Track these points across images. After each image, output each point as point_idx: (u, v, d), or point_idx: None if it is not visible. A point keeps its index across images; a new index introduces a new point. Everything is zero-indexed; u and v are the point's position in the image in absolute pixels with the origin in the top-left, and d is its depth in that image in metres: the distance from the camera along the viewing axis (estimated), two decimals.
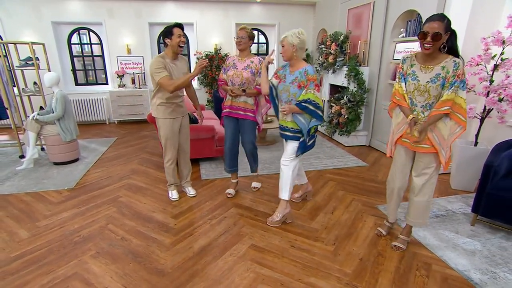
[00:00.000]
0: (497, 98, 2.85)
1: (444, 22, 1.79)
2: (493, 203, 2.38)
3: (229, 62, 2.85)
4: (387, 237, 2.42)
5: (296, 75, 2.39)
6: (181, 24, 2.65)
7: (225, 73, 2.88)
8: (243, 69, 2.75)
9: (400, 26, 4.19)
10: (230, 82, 2.82)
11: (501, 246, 2.29)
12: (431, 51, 1.84)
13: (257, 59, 2.78)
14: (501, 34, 2.79)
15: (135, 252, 2.22)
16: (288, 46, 2.36)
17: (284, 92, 2.46)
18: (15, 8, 5.73)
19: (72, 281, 1.92)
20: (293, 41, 2.35)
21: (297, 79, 2.38)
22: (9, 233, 2.44)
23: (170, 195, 3.08)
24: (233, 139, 2.95)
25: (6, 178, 3.58)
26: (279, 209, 2.61)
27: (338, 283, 1.93)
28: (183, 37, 2.63)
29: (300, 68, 2.39)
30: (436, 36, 1.77)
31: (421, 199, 2.13)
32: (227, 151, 3.00)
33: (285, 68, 2.52)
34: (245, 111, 2.83)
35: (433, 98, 1.92)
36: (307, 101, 2.33)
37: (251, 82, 2.77)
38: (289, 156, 2.51)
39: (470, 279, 1.95)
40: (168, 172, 3.00)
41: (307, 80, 2.34)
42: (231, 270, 2.03)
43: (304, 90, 2.35)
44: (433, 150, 1.98)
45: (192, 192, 3.12)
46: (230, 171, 3.10)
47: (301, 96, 2.36)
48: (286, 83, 2.45)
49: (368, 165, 4.01)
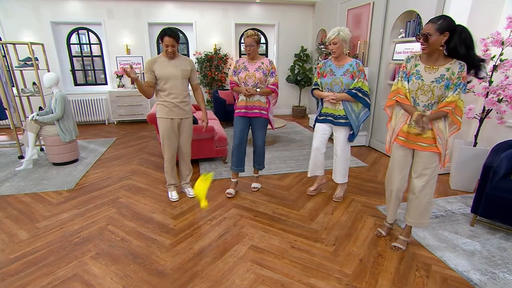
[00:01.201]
0: (496, 99, 2.86)
1: (437, 23, 1.81)
2: (493, 204, 2.39)
3: (239, 65, 2.92)
4: (387, 238, 2.42)
5: (346, 67, 2.66)
6: (173, 31, 2.56)
7: (235, 75, 2.94)
8: (255, 70, 2.84)
9: (399, 27, 4.20)
10: (243, 83, 2.89)
11: (501, 246, 2.29)
12: (426, 52, 1.90)
13: (267, 60, 2.89)
14: (500, 35, 2.80)
15: (135, 253, 2.22)
16: (341, 43, 2.58)
17: (335, 84, 2.70)
18: (14, 8, 5.72)
19: (72, 282, 1.92)
20: (345, 37, 2.59)
21: (349, 70, 2.65)
22: (9, 234, 2.44)
23: (169, 195, 3.07)
24: (242, 137, 2.98)
25: (5, 178, 3.58)
26: (342, 188, 3.05)
27: (338, 283, 1.93)
28: (171, 47, 2.58)
29: (349, 61, 2.66)
30: (425, 37, 1.83)
31: (421, 200, 2.13)
32: (235, 150, 3.02)
33: (327, 63, 2.77)
34: (260, 109, 2.91)
35: (436, 98, 1.93)
36: (357, 89, 2.63)
37: (263, 82, 2.88)
38: (344, 143, 2.83)
39: (470, 279, 1.95)
40: (167, 171, 2.99)
41: (359, 70, 2.63)
42: (231, 271, 2.03)
43: (356, 79, 2.64)
44: (434, 149, 1.99)
45: (192, 193, 3.10)
46: (237, 170, 3.10)
47: (352, 85, 2.66)
48: (336, 75, 2.68)
49: (367, 166, 4.01)
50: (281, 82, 7.34)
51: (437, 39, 1.82)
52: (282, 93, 7.42)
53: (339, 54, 2.63)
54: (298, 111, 7.21)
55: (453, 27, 1.81)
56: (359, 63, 2.64)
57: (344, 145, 2.84)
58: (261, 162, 3.18)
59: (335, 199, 3.01)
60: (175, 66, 2.69)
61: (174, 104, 2.75)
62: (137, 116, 6.52)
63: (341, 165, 2.92)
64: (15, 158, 4.26)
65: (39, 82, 4.32)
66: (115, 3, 6.13)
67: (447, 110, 1.89)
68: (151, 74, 2.67)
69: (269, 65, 2.87)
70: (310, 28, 7.08)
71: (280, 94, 7.39)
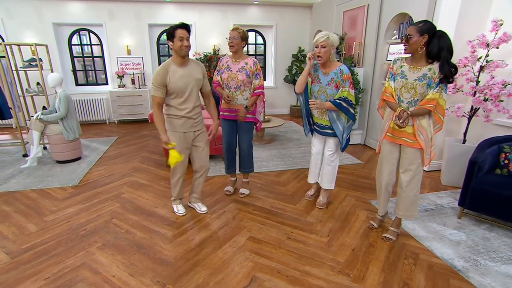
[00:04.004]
0: (483, 98, 3.00)
1: (417, 26, 1.99)
2: (478, 197, 2.52)
3: (223, 64, 2.78)
4: (379, 230, 2.55)
5: (331, 76, 2.50)
6: (187, 25, 2.26)
7: (218, 75, 2.81)
8: (238, 71, 2.70)
9: (393, 29, 4.33)
10: (225, 85, 2.77)
11: (484, 237, 2.43)
12: (408, 51, 2.08)
13: (252, 60, 2.72)
14: (485, 38, 2.94)
15: (139, 244, 2.34)
16: (329, 47, 2.42)
17: (321, 93, 2.58)
18: (16, 9, 5.82)
19: (81, 270, 2.04)
20: (333, 43, 2.43)
21: (333, 80, 2.50)
22: (19, 227, 2.56)
23: (175, 209, 2.80)
24: (230, 141, 2.95)
25: (12, 176, 3.69)
26: (325, 194, 2.96)
27: (331, 271, 2.06)
28: (186, 40, 2.24)
29: (334, 68, 2.49)
30: (406, 38, 2.02)
31: (408, 194, 2.27)
32: (225, 154, 3.03)
33: (316, 68, 2.60)
34: None
35: (418, 95, 2.09)
36: (341, 99, 2.47)
37: (246, 84, 2.73)
38: (334, 151, 2.76)
39: (454, 266, 2.09)
40: (174, 185, 2.68)
41: (343, 80, 2.47)
42: (231, 260, 2.16)
43: (340, 89, 2.49)
44: (417, 145, 2.13)
45: (204, 209, 2.83)
46: (229, 172, 3.16)
47: (337, 95, 2.51)
48: (322, 84, 2.55)
49: (362, 163, 4.15)
50: (279, 82, 7.47)
51: (417, 40, 1.98)
52: (279, 93, 7.57)
53: (325, 59, 2.45)
54: (296, 110, 7.34)
55: (432, 30, 1.97)
56: (342, 71, 2.46)
57: (333, 153, 2.76)
58: (248, 165, 3.07)
59: (318, 206, 2.91)
60: (188, 76, 2.34)
61: (187, 117, 2.43)
62: (138, 116, 6.62)
63: (329, 171, 2.82)
64: (19, 156, 4.37)
65: (43, 82, 4.44)
66: (116, 5, 6.24)
67: (429, 108, 2.03)
68: (163, 89, 2.30)
69: (253, 66, 2.70)
70: (308, 29, 7.22)
71: (278, 94, 7.56)
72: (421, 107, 2.06)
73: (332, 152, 2.76)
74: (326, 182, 2.88)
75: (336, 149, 2.76)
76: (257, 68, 2.74)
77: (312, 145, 2.93)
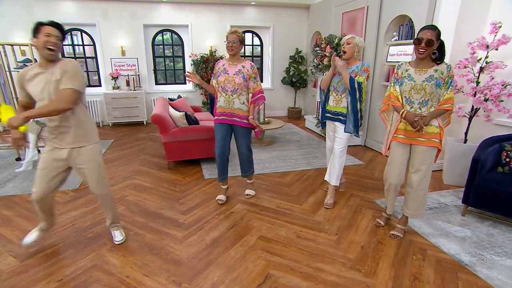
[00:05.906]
0: (483, 98, 3.09)
1: (435, 31, 2.05)
2: (481, 194, 2.59)
3: (219, 67, 2.74)
4: (385, 228, 2.59)
5: (353, 68, 2.72)
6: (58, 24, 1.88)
7: (215, 78, 2.77)
8: (235, 74, 2.66)
9: (392, 30, 4.41)
10: (222, 88, 2.71)
11: (489, 233, 2.50)
12: (425, 56, 2.10)
13: (249, 63, 2.70)
14: (485, 40, 3.03)
15: (150, 245, 2.32)
16: (354, 46, 2.68)
17: (341, 83, 2.78)
18: (7, 8, 5.66)
19: (94, 271, 2.01)
20: (359, 43, 2.71)
21: (354, 71, 2.71)
22: (22, 231, 2.49)
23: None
24: (223, 146, 2.81)
25: (7, 180, 3.59)
26: (332, 195, 3.01)
27: (343, 267, 2.09)
28: (54, 37, 1.82)
29: (357, 63, 2.74)
30: (429, 42, 2.03)
31: (418, 193, 2.32)
32: (218, 159, 2.86)
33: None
34: (240, 118, 2.74)
35: (428, 95, 2.14)
36: (357, 81, 2.67)
37: (243, 88, 2.69)
38: (343, 141, 2.85)
39: (461, 261, 2.15)
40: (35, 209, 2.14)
41: (362, 70, 2.71)
42: (244, 259, 2.16)
43: (357, 77, 2.69)
44: (432, 143, 2.18)
45: (119, 238, 2.32)
46: (220, 179, 2.98)
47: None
48: (342, 75, 2.72)
49: (364, 164, 4.20)
50: (276, 84, 7.50)
51: (435, 45, 2.06)
52: (277, 94, 7.60)
53: (350, 55, 2.69)
54: (294, 112, 7.38)
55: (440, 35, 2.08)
56: (364, 64, 2.70)
57: (342, 144, 2.85)
58: (248, 169, 3.02)
59: (326, 206, 2.94)
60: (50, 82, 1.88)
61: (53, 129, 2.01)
62: (133, 118, 6.48)
63: (337, 165, 2.89)
64: (12, 160, 4.24)
65: None
66: (110, 4, 6.14)
67: (448, 108, 2.11)
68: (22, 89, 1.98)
69: (250, 70, 2.68)
70: (305, 31, 7.28)
71: (276, 96, 7.59)
72: (439, 108, 2.12)
73: (340, 143, 2.87)
74: (333, 176, 2.96)
75: (343, 140, 2.86)
76: (254, 71, 2.73)
77: (327, 137, 3.11)
